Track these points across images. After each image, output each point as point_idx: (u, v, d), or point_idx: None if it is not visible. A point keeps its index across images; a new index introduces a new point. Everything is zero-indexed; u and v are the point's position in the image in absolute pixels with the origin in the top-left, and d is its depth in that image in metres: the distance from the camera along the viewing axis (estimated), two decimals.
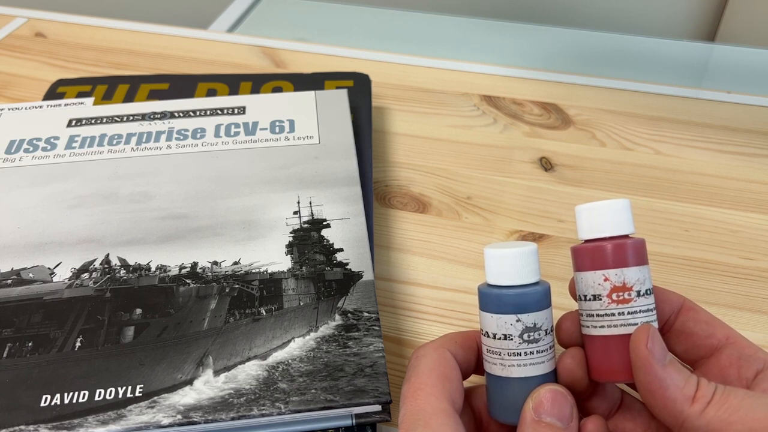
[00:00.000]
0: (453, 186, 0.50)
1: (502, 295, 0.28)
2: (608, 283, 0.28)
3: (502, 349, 0.28)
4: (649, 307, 0.28)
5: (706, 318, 0.30)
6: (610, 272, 0.28)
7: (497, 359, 0.29)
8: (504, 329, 0.28)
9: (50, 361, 0.33)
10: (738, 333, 0.30)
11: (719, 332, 0.29)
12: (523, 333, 0.28)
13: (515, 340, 0.28)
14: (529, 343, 0.28)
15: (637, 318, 0.28)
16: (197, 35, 0.68)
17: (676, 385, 0.25)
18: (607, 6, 0.83)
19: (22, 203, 0.42)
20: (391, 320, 0.40)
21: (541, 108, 0.57)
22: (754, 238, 0.46)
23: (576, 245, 0.30)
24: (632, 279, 0.28)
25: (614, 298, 0.28)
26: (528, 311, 0.28)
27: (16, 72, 0.63)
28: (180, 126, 0.48)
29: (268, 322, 0.36)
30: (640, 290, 0.28)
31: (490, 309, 0.28)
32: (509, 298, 0.28)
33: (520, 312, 0.28)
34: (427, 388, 0.28)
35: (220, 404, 0.31)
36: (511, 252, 0.28)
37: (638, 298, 0.28)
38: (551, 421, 0.27)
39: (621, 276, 0.28)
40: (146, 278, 0.37)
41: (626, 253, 0.28)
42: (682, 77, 0.66)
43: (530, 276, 0.28)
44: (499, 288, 0.28)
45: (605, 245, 0.28)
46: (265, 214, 0.41)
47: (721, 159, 0.52)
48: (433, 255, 0.44)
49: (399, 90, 0.60)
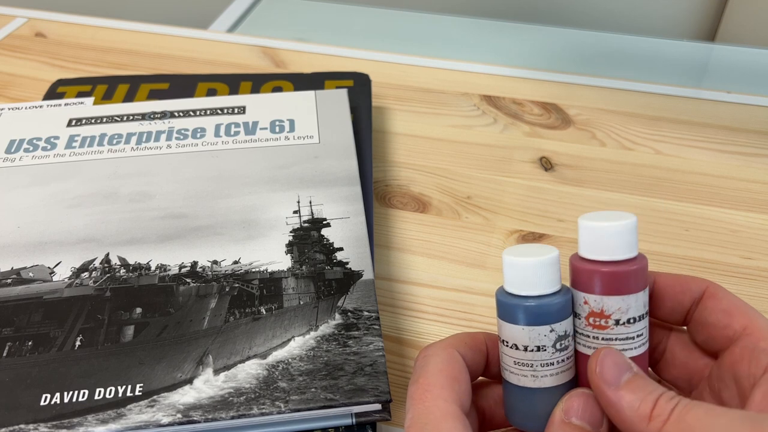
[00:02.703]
0: (453, 186, 0.50)
1: (534, 306, 0.26)
2: (587, 306, 0.27)
3: (535, 360, 0.27)
4: (629, 335, 0.27)
5: (725, 306, 0.28)
6: (590, 297, 0.27)
7: (528, 371, 0.27)
8: (537, 341, 0.27)
9: (50, 360, 0.33)
10: (761, 321, 0.27)
11: (736, 322, 0.27)
12: (556, 342, 0.27)
13: (549, 350, 0.27)
14: (561, 351, 0.27)
15: (612, 344, 0.27)
16: (197, 35, 0.68)
17: (630, 406, 0.25)
18: (607, 6, 0.83)
19: (22, 203, 0.42)
20: (391, 320, 0.40)
21: (541, 108, 0.57)
22: (754, 237, 0.46)
23: (573, 257, 0.28)
24: (612, 308, 0.27)
25: (591, 322, 0.27)
26: (561, 320, 0.27)
27: (16, 72, 0.63)
28: (180, 126, 0.48)
29: (268, 321, 0.36)
30: (620, 319, 0.27)
31: (519, 321, 0.27)
32: (543, 308, 0.26)
33: (554, 322, 0.27)
34: (436, 390, 0.27)
35: (220, 403, 0.31)
36: (539, 261, 0.26)
37: (616, 327, 0.27)
38: (581, 425, 0.26)
39: (600, 303, 0.27)
40: (146, 277, 0.37)
41: (606, 282, 0.26)
42: (682, 77, 0.66)
43: (556, 283, 0.27)
44: (529, 298, 0.27)
45: (586, 269, 0.27)
46: (265, 213, 0.41)
47: (721, 159, 0.52)
48: (433, 255, 0.44)
49: (399, 90, 0.60)
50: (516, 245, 0.28)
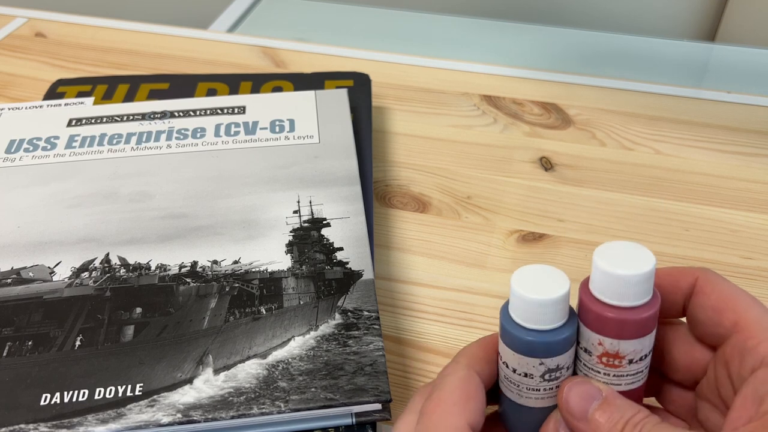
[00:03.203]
0: (453, 186, 0.50)
1: (526, 339, 0.26)
2: (601, 347, 0.26)
3: (522, 383, 0.27)
4: (639, 370, 0.27)
5: (714, 302, 0.27)
6: (606, 340, 0.26)
7: (515, 389, 0.28)
8: (525, 368, 0.27)
9: (50, 359, 0.33)
10: (751, 314, 0.26)
11: (726, 319, 0.26)
12: (545, 374, 0.27)
13: (536, 379, 0.27)
14: (550, 381, 0.27)
15: (621, 380, 0.27)
16: (197, 35, 0.68)
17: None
18: (607, 6, 0.84)
19: (22, 202, 0.42)
20: (391, 319, 0.40)
21: (541, 108, 0.57)
22: (754, 237, 0.46)
23: (584, 290, 0.27)
24: (627, 350, 0.26)
25: (604, 361, 0.27)
26: (553, 355, 0.26)
27: (16, 72, 0.63)
28: (180, 125, 0.48)
29: (268, 320, 0.36)
30: (633, 359, 0.26)
31: (512, 347, 0.27)
32: (535, 344, 0.26)
33: (544, 357, 0.26)
34: (447, 406, 0.27)
35: (220, 403, 0.31)
36: (544, 300, 0.25)
37: (629, 365, 0.26)
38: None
39: (616, 346, 0.26)
40: (146, 277, 0.37)
41: (625, 328, 0.26)
42: (682, 77, 0.66)
43: (560, 319, 0.26)
44: (525, 330, 0.26)
45: (603, 314, 0.26)
46: (265, 213, 0.41)
47: (721, 159, 0.52)
48: (433, 254, 0.44)
49: (399, 90, 0.60)
50: (530, 266, 0.26)
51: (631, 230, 0.46)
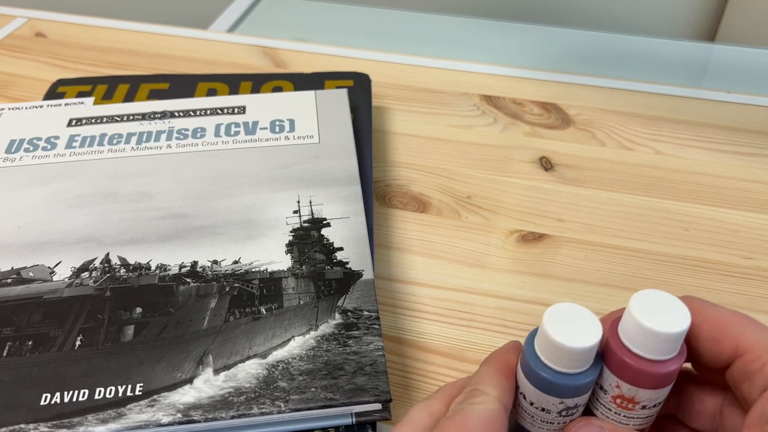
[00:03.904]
0: (453, 186, 0.50)
1: (550, 380, 0.26)
2: (619, 389, 0.26)
3: (537, 415, 0.27)
4: (649, 415, 0.27)
5: (708, 333, 0.26)
6: (625, 385, 0.26)
7: (528, 418, 0.28)
8: (544, 403, 0.27)
9: (50, 359, 0.33)
10: (750, 333, 0.26)
11: (726, 347, 0.26)
12: (562, 411, 0.27)
13: (552, 414, 0.27)
14: (565, 417, 0.27)
15: (630, 421, 0.27)
16: (197, 35, 0.68)
17: None
18: (607, 6, 0.84)
19: (23, 202, 0.42)
20: (391, 319, 0.40)
21: (541, 108, 0.57)
22: (754, 237, 0.46)
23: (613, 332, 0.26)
24: (644, 397, 0.26)
25: (618, 402, 0.27)
26: (574, 396, 0.26)
27: (16, 72, 0.63)
28: (180, 125, 0.48)
29: (268, 320, 0.36)
30: (647, 405, 0.26)
31: (533, 383, 0.26)
32: (558, 386, 0.26)
33: (566, 398, 0.26)
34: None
35: (220, 403, 0.31)
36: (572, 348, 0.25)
37: (641, 410, 0.27)
38: None
39: (633, 392, 0.26)
40: (146, 277, 0.37)
41: (649, 379, 0.26)
42: (682, 77, 0.66)
43: (586, 364, 0.26)
44: (550, 370, 0.26)
45: (630, 364, 0.25)
46: (265, 213, 0.41)
47: (721, 159, 0.52)
48: (433, 254, 0.44)
49: (399, 90, 0.60)
50: (564, 305, 0.26)
51: (631, 230, 0.46)
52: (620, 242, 0.45)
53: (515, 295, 0.42)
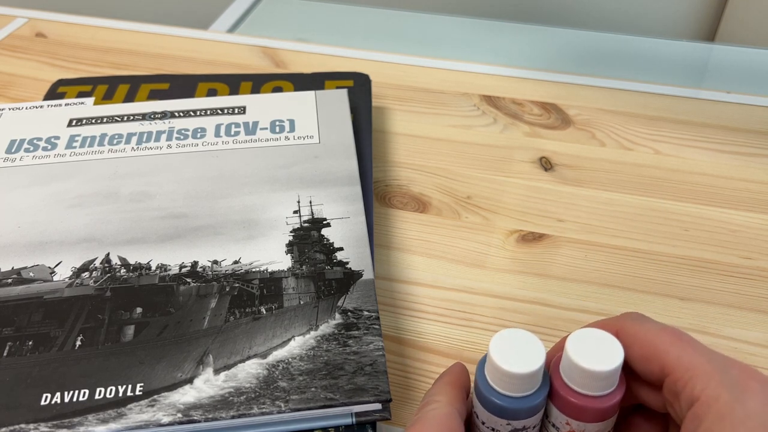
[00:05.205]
0: (453, 186, 0.50)
1: (497, 403, 0.27)
2: (569, 426, 0.28)
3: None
4: None
5: (639, 353, 0.27)
6: (573, 422, 0.28)
7: None
8: (494, 424, 0.28)
9: (50, 359, 0.33)
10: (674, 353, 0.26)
11: (654, 366, 0.27)
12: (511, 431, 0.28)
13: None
14: None
15: None
16: (197, 35, 0.68)
17: None
18: (607, 6, 0.84)
19: (23, 203, 0.42)
20: (391, 319, 0.41)
21: (541, 108, 0.57)
22: (754, 237, 0.46)
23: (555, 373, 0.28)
24: (593, 430, 0.28)
25: None
26: (520, 419, 0.28)
27: (16, 72, 0.63)
28: (180, 126, 0.48)
29: (268, 320, 0.36)
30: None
31: (483, 405, 0.28)
32: (505, 408, 0.27)
33: (512, 419, 0.28)
34: None
35: (221, 403, 0.31)
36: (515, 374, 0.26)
37: None
38: None
39: (582, 427, 0.28)
40: (146, 277, 0.38)
41: (594, 414, 0.27)
42: (682, 77, 0.66)
43: (531, 388, 0.27)
44: (497, 393, 0.27)
45: (574, 403, 0.27)
46: (265, 213, 0.42)
47: (721, 159, 0.52)
48: (433, 254, 0.45)
49: (399, 90, 0.60)
50: (508, 331, 0.28)
51: (631, 230, 0.46)
52: (620, 242, 0.45)
53: (515, 295, 0.42)
